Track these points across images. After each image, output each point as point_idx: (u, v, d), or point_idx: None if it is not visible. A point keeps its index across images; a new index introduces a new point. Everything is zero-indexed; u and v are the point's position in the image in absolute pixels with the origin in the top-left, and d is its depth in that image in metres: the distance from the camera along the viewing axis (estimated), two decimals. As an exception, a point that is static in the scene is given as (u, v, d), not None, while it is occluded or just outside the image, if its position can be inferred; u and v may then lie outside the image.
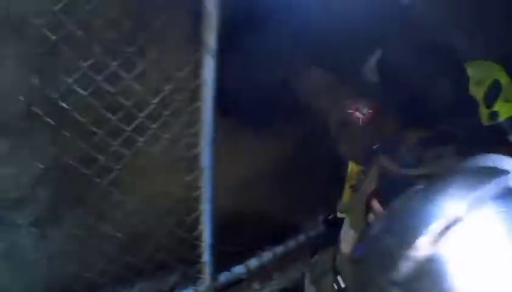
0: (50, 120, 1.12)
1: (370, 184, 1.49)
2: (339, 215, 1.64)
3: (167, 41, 1.27)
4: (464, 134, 1.38)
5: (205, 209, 1.54)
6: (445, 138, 1.40)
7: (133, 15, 1.18)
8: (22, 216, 1.20)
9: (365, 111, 1.56)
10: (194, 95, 1.39)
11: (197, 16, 1.28)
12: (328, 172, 2.09)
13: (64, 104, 1.12)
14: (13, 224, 1.19)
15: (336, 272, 1.58)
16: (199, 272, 1.60)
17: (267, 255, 1.84)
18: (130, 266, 1.43)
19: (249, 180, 1.84)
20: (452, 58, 1.44)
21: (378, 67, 1.50)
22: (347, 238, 1.54)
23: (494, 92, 1.39)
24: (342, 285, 1.53)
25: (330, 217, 1.71)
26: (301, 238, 2.00)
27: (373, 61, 1.51)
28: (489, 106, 1.39)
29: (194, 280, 1.61)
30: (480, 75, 1.40)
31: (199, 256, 1.58)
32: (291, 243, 1.95)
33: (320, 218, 2.16)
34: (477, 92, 1.41)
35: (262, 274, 1.89)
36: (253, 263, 1.78)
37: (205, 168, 1.50)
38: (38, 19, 1.03)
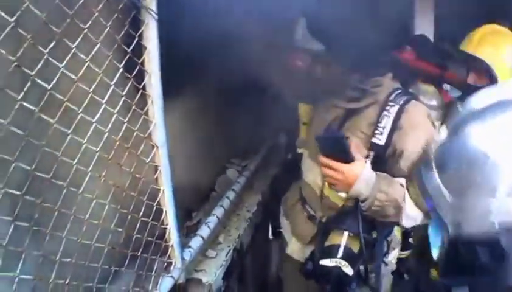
0: None
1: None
2: (298, 150, 1.78)
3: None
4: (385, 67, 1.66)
5: (166, 189, 1.40)
6: (375, 71, 1.64)
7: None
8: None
9: (304, 58, 1.68)
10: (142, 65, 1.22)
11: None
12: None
13: None
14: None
15: (304, 202, 1.73)
16: (170, 257, 1.47)
17: (213, 220, 1.80)
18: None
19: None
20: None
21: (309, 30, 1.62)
22: (309, 169, 1.68)
23: None
24: (311, 213, 1.68)
25: (289, 156, 1.86)
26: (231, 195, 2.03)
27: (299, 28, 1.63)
28: None
29: (167, 268, 1.47)
30: None
31: (167, 241, 1.45)
32: (226, 203, 1.95)
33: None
34: None
35: (212, 240, 1.86)
36: (204, 231, 1.73)
37: (161, 145, 1.35)
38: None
